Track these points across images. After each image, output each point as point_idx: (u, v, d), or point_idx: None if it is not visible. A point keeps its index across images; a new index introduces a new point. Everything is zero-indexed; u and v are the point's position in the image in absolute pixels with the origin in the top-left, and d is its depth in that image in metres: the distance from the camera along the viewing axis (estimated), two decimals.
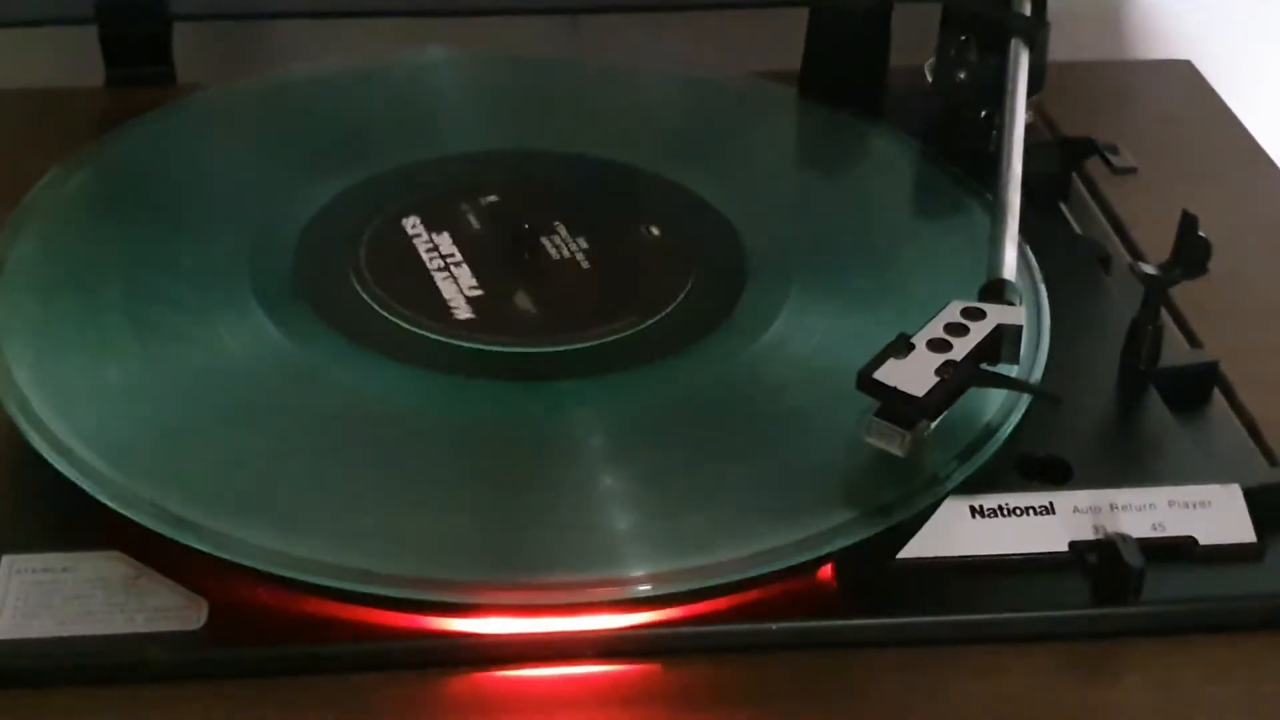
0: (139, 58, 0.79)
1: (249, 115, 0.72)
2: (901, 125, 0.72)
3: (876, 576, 0.53)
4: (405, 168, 0.67)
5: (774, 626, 0.51)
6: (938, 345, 0.54)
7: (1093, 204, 0.72)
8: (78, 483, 0.51)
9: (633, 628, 0.50)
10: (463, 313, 0.59)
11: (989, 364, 0.55)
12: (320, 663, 0.49)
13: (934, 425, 0.54)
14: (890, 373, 0.53)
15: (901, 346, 0.54)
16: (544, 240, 0.63)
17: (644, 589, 0.50)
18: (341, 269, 0.61)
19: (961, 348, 0.54)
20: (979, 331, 0.55)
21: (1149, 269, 0.59)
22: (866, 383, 0.53)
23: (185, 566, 0.51)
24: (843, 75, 0.73)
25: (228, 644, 0.49)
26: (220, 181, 0.67)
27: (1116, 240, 0.70)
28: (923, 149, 0.71)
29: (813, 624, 0.51)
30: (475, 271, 0.61)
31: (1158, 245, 0.61)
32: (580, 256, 0.63)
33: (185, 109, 0.71)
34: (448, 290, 0.60)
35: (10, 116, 0.76)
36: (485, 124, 0.72)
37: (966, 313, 0.55)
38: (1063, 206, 0.71)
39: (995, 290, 0.57)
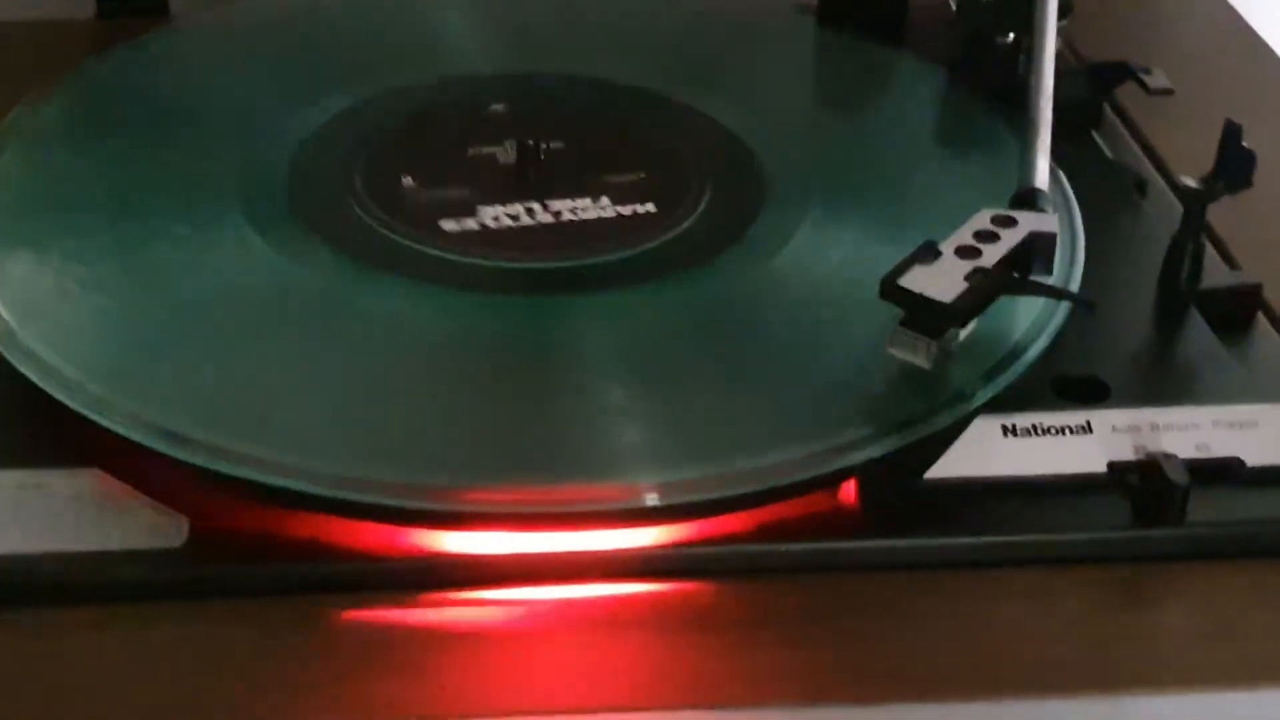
0: None
1: (241, 40, 0.69)
2: (924, 56, 0.70)
3: (902, 497, 0.49)
4: (413, 88, 0.65)
5: (793, 547, 0.48)
6: (967, 252, 0.51)
7: (1125, 133, 0.69)
8: (51, 393, 0.49)
9: (643, 547, 0.47)
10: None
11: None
12: (308, 582, 0.46)
13: (963, 336, 0.51)
14: (916, 279, 0.50)
15: (928, 253, 0.51)
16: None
17: (651, 498, 0.46)
18: (331, 183, 0.59)
19: (992, 255, 0.51)
20: (1010, 239, 0.52)
21: (1190, 182, 0.56)
22: (890, 290, 0.50)
23: (166, 485, 0.48)
24: (863, 2, 0.70)
25: (209, 562, 0.46)
26: (211, 104, 0.64)
27: (1151, 169, 0.67)
28: (947, 74, 0.68)
29: (834, 545, 0.48)
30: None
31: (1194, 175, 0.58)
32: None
33: (174, 34, 0.69)
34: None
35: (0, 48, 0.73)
36: (497, 47, 0.69)
37: (997, 220, 0.52)
38: (1095, 135, 0.68)
39: (1027, 198, 0.54)
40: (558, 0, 0.72)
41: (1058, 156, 0.59)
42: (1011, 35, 0.68)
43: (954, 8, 0.70)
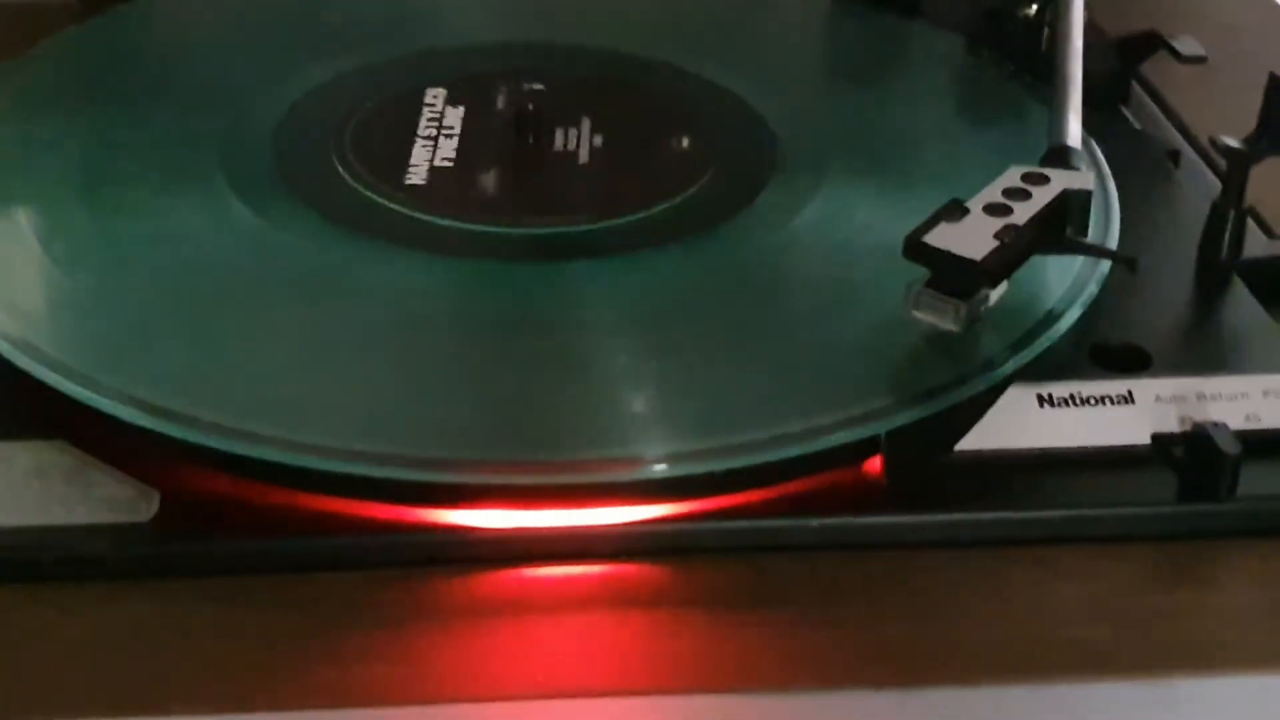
0: None
1: (226, 11, 0.67)
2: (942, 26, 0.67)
3: (931, 470, 0.46)
4: (403, 57, 0.62)
5: (814, 522, 0.44)
6: (996, 210, 0.48)
7: (1155, 109, 0.66)
8: (14, 361, 0.45)
9: (656, 520, 0.44)
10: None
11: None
12: (289, 559, 0.43)
13: (994, 299, 0.47)
14: (943, 237, 0.46)
15: (955, 211, 0.47)
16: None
17: (660, 468, 0.43)
18: (319, 149, 0.55)
19: (1023, 213, 0.48)
20: (1043, 197, 0.48)
21: (1232, 142, 0.53)
22: (915, 248, 0.46)
23: (137, 458, 0.44)
24: None
25: (181, 537, 0.43)
26: (203, 65, 0.62)
27: (1183, 142, 0.64)
28: (966, 45, 0.65)
29: (859, 520, 0.45)
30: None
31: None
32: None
33: (156, 5, 0.66)
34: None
35: None
36: (509, 13, 0.67)
37: (1028, 178, 0.49)
38: (1124, 110, 0.65)
39: (1059, 156, 0.51)
40: None
41: (1088, 127, 0.55)
42: (1034, 7, 0.65)
43: None
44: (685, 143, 0.57)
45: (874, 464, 0.46)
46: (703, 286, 0.50)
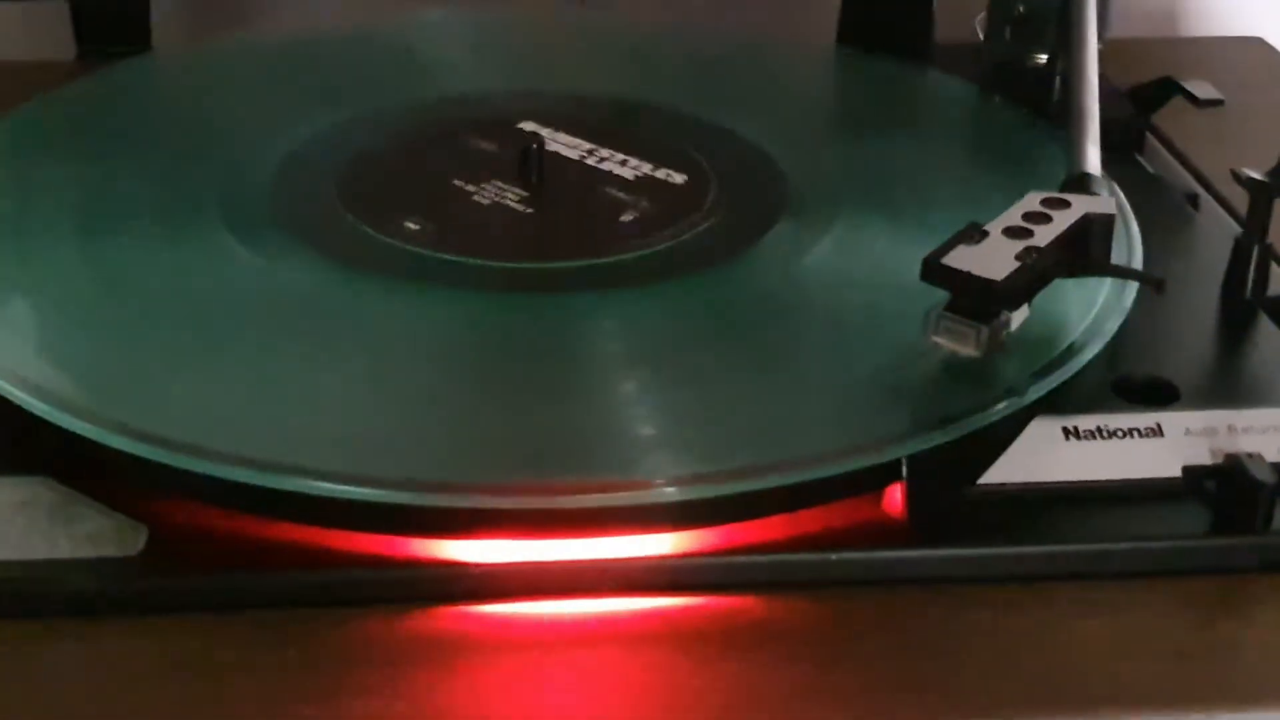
0: (114, 35, 0.72)
1: (224, 67, 0.66)
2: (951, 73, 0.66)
3: (954, 504, 0.44)
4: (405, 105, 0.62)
5: (834, 556, 0.42)
6: (1016, 233, 0.46)
7: (1169, 157, 0.65)
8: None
9: (664, 556, 0.42)
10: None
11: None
12: (279, 595, 0.41)
13: (1015, 324, 0.46)
14: (962, 259, 0.45)
15: (973, 234, 0.46)
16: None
17: (669, 491, 0.41)
18: (318, 189, 0.54)
19: (1044, 236, 0.46)
20: (1063, 221, 0.47)
21: (1255, 174, 0.51)
22: (933, 270, 0.45)
23: (125, 494, 0.43)
24: (886, 20, 0.67)
25: (169, 572, 0.41)
26: (200, 116, 0.61)
27: (1199, 187, 0.63)
28: (980, 91, 0.64)
29: (879, 554, 0.43)
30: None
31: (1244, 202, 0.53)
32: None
33: (155, 60, 0.66)
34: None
35: None
36: (515, 73, 0.66)
37: (1048, 203, 0.48)
38: (1139, 159, 0.64)
39: (1079, 183, 0.49)
40: (567, 25, 0.69)
41: (1104, 171, 0.54)
42: (1044, 57, 0.65)
43: (981, 37, 0.67)
44: (695, 182, 0.56)
45: (895, 499, 0.44)
46: (715, 317, 0.49)
